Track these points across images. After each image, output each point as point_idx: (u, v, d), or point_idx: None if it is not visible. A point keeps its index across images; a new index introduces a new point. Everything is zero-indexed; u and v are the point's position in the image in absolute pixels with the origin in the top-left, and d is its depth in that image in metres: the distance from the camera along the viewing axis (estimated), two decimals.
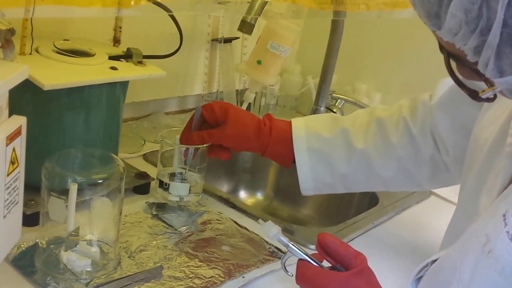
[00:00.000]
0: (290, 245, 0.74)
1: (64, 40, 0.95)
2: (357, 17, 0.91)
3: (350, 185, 0.96)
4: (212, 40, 1.42)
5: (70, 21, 1.03)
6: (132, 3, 0.43)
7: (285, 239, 0.75)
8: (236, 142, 0.94)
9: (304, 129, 0.95)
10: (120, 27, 1.05)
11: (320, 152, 0.94)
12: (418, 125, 0.90)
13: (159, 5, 0.49)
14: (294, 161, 0.96)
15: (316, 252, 0.74)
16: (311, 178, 0.95)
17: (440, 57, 0.52)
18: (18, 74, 0.57)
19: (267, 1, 0.98)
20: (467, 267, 0.59)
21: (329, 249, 0.71)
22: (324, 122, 0.97)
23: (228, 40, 1.43)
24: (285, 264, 0.76)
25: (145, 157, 1.17)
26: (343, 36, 1.32)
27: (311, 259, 0.73)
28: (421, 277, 0.71)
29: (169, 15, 0.91)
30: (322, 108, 1.42)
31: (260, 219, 0.80)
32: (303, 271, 0.72)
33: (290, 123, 0.96)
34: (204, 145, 0.96)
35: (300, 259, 0.73)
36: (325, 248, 0.72)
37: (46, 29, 0.87)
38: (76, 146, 0.87)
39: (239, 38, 1.45)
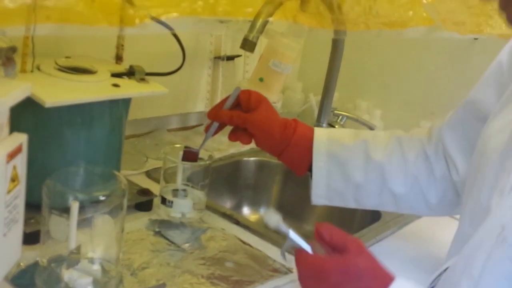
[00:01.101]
0: (290, 232, 0.72)
1: (66, 57, 0.94)
2: (357, 37, 0.90)
3: (361, 199, 0.95)
4: (215, 57, 1.41)
5: (72, 39, 1.01)
6: (137, 21, 0.41)
7: (285, 227, 0.73)
8: (260, 131, 0.92)
9: (326, 135, 0.94)
10: (123, 45, 1.04)
11: (339, 158, 0.93)
12: (433, 146, 0.91)
13: (162, 23, 0.48)
14: (308, 170, 0.95)
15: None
16: (325, 184, 0.94)
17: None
18: (20, 91, 0.55)
19: (268, 20, 0.97)
20: (479, 261, 0.58)
21: (326, 238, 0.70)
22: (346, 132, 0.97)
23: (230, 58, 1.42)
24: (285, 252, 0.75)
25: (148, 174, 1.15)
26: (344, 54, 1.31)
27: (310, 246, 0.72)
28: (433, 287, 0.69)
29: (171, 33, 0.89)
30: (324, 125, 1.40)
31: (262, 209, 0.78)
32: (302, 259, 0.70)
33: (313, 129, 0.96)
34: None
35: (298, 249, 0.72)
36: (322, 238, 0.70)
37: (47, 47, 0.86)
38: (77, 163, 0.85)
39: (241, 55, 1.44)
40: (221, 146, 1.40)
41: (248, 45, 1.09)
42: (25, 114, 0.80)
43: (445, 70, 1.43)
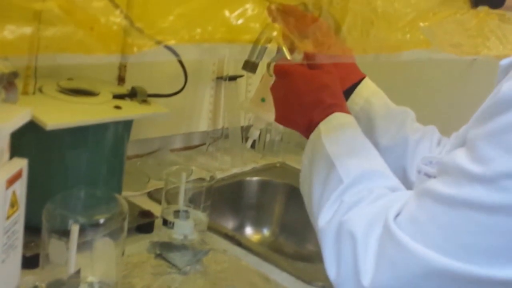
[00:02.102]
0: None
1: (68, 79, 0.94)
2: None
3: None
4: (217, 78, 1.41)
5: None
6: (135, 49, 0.42)
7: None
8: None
9: (374, 86, 0.94)
10: (125, 66, 1.04)
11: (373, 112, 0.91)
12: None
13: (170, 49, 0.48)
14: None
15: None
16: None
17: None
18: (20, 117, 0.55)
19: (269, 44, 0.97)
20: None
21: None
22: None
23: (233, 78, 1.42)
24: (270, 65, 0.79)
25: (150, 194, 1.14)
26: None
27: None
28: None
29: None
30: None
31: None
32: (282, 66, 0.75)
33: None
34: None
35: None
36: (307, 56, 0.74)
37: (50, 68, 0.86)
38: (78, 185, 0.84)
39: (243, 76, 1.44)
40: (224, 166, 1.40)
41: (250, 66, 1.09)
42: (27, 136, 0.80)
43: (445, 88, 1.44)
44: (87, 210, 0.76)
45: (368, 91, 0.92)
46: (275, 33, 0.57)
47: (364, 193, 0.63)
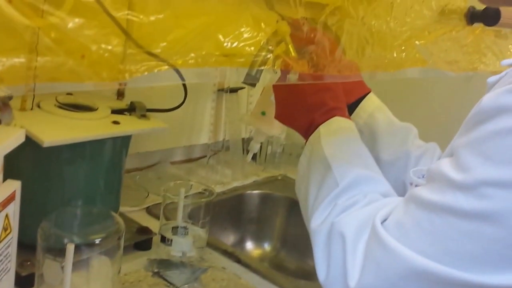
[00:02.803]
0: None
1: (67, 94, 0.95)
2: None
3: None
4: (218, 90, 1.42)
5: None
6: (127, 75, 0.43)
7: None
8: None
9: (378, 101, 0.95)
10: None
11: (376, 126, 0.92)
12: None
13: (177, 72, 0.49)
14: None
15: None
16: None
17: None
18: (14, 138, 0.56)
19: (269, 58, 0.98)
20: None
21: None
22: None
23: (234, 90, 1.43)
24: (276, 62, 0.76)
25: (148, 210, 1.15)
26: None
27: None
28: None
29: (174, 70, 0.91)
30: None
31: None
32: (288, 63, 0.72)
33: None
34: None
35: None
36: None
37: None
38: (75, 201, 0.85)
39: (244, 88, 1.45)
40: (225, 179, 1.40)
41: (251, 79, 1.10)
42: (24, 151, 0.81)
43: (445, 102, 1.45)
44: (83, 229, 0.76)
45: (373, 106, 0.94)
46: (270, 55, 0.58)
47: (358, 197, 0.65)
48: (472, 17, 0.70)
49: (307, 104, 0.77)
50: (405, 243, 0.52)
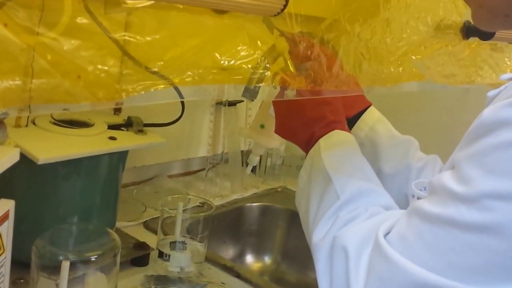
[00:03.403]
0: None
1: (63, 109, 0.96)
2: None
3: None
4: (217, 103, 1.43)
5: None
6: (123, 95, 0.43)
7: None
8: None
9: (379, 115, 0.96)
10: None
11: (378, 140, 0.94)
12: None
13: (177, 90, 0.50)
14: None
15: None
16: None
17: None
18: (8, 158, 0.56)
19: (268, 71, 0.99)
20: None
21: None
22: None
23: (232, 103, 1.44)
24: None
25: (146, 224, 1.15)
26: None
27: None
28: None
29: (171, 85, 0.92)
30: None
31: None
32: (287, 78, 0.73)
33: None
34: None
35: None
36: None
37: None
38: (70, 218, 0.86)
39: (243, 101, 1.46)
40: (224, 192, 1.40)
41: (250, 93, 1.11)
42: (18, 168, 0.81)
43: (444, 115, 1.45)
44: (78, 246, 0.77)
45: (373, 119, 0.95)
46: (268, 73, 0.59)
47: (359, 210, 0.65)
48: (468, 31, 0.71)
49: (307, 118, 0.78)
50: (408, 256, 0.53)
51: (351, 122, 0.96)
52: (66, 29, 0.39)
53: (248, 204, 1.40)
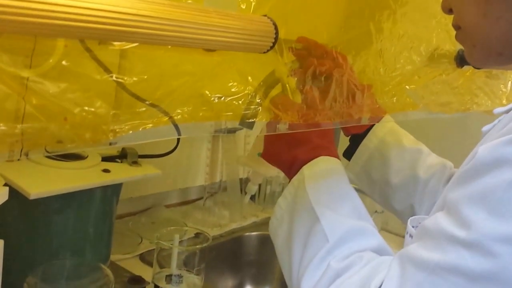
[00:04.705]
0: None
1: (58, 141, 0.97)
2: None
3: (388, 198, 0.94)
4: (215, 131, 1.43)
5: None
6: (111, 135, 0.44)
7: None
8: None
9: (391, 126, 0.94)
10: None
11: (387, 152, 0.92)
12: None
13: (175, 126, 0.50)
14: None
15: None
16: (362, 165, 0.94)
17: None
18: None
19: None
20: None
21: None
22: (408, 136, 0.97)
23: (231, 131, 1.44)
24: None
25: (142, 257, 1.15)
26: None
27: None
28: None
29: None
30: None
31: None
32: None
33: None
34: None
35: None
36: None
37: None
38: (63, 253, 0.86)
39: (242, 129, 1.46)
40: (222, 221, 1.40)
41: (247, 123, 1.12)
42: (10, 203, 0.82)
43: (441, 135, 1.46)
44: (70, 283, 0.77)
45: (384, 130, 0.94)
46: (260, 108, 0.60)
47: (353, 258, 0.62)
48: (462, 60, 0.72)
49: (290, 140, 0.74)
50: None
51: (365, 133, 0.94)
52: (51, 72, 0.40)
53: (247, 234, 1.40)
